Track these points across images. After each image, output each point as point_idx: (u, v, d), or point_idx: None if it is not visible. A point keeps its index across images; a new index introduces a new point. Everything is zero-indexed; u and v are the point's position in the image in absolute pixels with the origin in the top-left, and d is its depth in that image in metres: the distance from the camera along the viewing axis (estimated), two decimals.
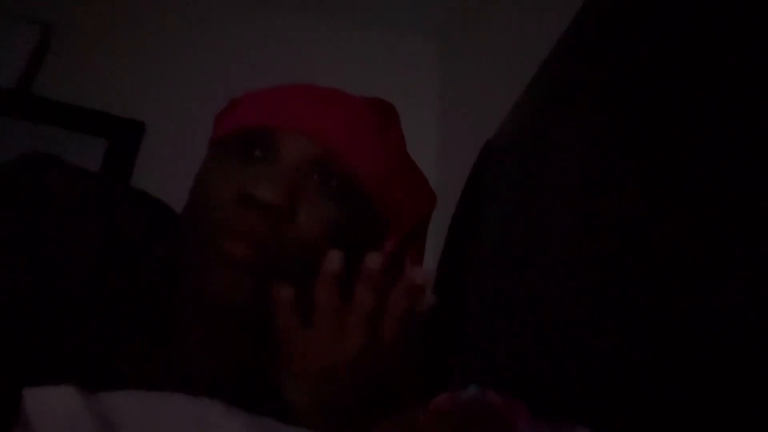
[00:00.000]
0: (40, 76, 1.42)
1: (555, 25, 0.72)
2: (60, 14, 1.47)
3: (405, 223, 0.54)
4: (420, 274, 0.46)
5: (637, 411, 0.39)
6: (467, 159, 0.95)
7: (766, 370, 0.30)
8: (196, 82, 1.48)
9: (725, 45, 0.39)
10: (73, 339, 0.46)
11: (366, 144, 0.51)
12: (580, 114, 0.59)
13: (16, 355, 0.44)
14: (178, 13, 1.56)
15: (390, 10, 1.60)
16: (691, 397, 0.35)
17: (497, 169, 0.81)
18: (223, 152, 0.50)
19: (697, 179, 0.38)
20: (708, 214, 0.37)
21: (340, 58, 1.56)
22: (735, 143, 0.36)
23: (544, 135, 0.68)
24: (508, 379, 0.57)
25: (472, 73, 1.36)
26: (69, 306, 0.46)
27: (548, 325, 0.55)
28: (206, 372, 0.47)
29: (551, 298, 0.56)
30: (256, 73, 1.31)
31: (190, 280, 0.46)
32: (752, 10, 0.37)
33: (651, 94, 0.46)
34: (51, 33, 1.45)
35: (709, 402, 0.33)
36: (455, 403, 0.44)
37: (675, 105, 0.43)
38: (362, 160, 0.50)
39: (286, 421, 0.38)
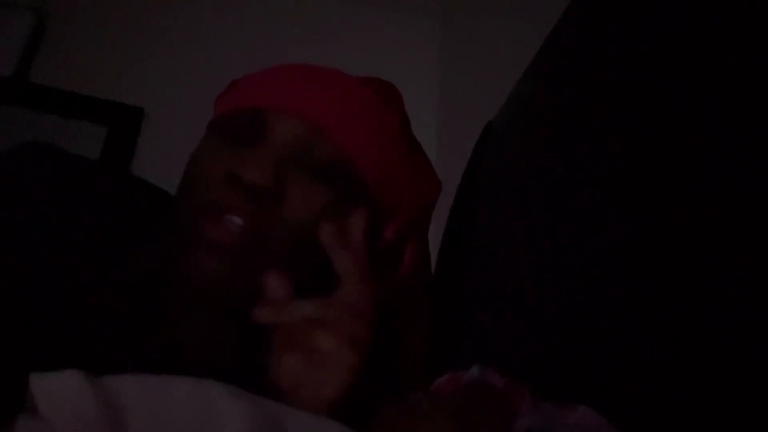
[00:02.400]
0: (37, 63, 1.41)
1: (557, 5, 0.71)
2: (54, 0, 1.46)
3: (406, 208, 0.52)
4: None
5: (637, 391, 0.39)
6: (469, 141, 0.94)
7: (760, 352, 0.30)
8: (196, 66, 1.47)
9: (725, 31, 0.38)
10: (71, 328, 0.46)
11: (360, 126, 0.49)
12: (582, 95, 0.59)
13: (18, 345, 0.44)
14: None
15: None
16: (689, 379, 0.35)
17: (499, 151, 0.80)
18: (215, 134, 0.49)
19: (695, 156, 0.38)
20: (705, 192, 0.37)
21: (341, 39, 1.54)
22: (731, 130, 0.36)
23: (545, 116, 0.67)
24: (509, 361, 0.57)
25: (473, 53, 1.35)
26: (67, 295, 0.46)
27: (549, 308, 0.55)
28: (198, 356, 0.47)
29: (552, 280, 0.56)
30: (256, 56, 1.30)
31: (178, 263, 0.45)
32: (748, 7, 0.36)
33: (651, 75, 0.46)
34: (46, 19, 1.44)
35: (706, 383, 0.34)
36: (457, 384, 0.44)
37: (674, 87, 0.43)
38: (356, 141, 0.48)
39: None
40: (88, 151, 1.32)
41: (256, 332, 0.48)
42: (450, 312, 0.75)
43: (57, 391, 0.29)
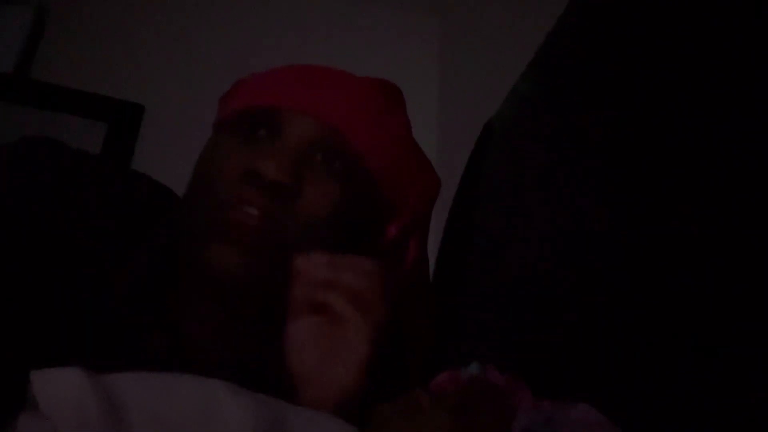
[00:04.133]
0: (37, 59, 1.41)
1: (557, 2, 0.71)
2: None
3: (409, 207, 0.54)
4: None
5: (637, 390, 0.40)
6: (468, 139, 0.94)
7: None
8: (196, 63, 1.47)
9: (724, 29, 0.38)
10: (75, 323, 0.46)
11: (371, 126, 0.51)
12: (582, 93, 0.59)
13: (21, 338, 0.44)
14: None
15: None
16: (689, 377, 0.35)
17: (498, 150, 0.81)
18: (228, 132, 0.50)
19: (696, 154, 0.38)
20: (706, 191, 0.37)
21: (340, 36, 1.54)
22: (729, 131, 0.36)
23: (545, 115, 0.67)
24: (509, 359, 0.57)
25: (473, 51, 1.35)
26: (70, 289, 0.46)
27: (548, 306, 0.55)
28: (209, 349, 0.48)
29: (551, 278, 0.56)
30: (255, 54, 1.30)
31: (192, 257, 0.46)
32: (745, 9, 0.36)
33: (651, 72, 0.46)
34: (45, 15, 1.44)
35: (706, 382, 0.34)
36: (456, 381, 0.45)
37: (675, 85, 0.43)
38: (367, 142, 0.50)
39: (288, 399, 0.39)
40: (88, 148, 1.31)
41: (264, 330, 0.48)
42: (449, 310, 0.75)
43: (58, 388, 0.29)
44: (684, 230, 0.37)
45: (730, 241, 0.33)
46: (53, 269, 0.46)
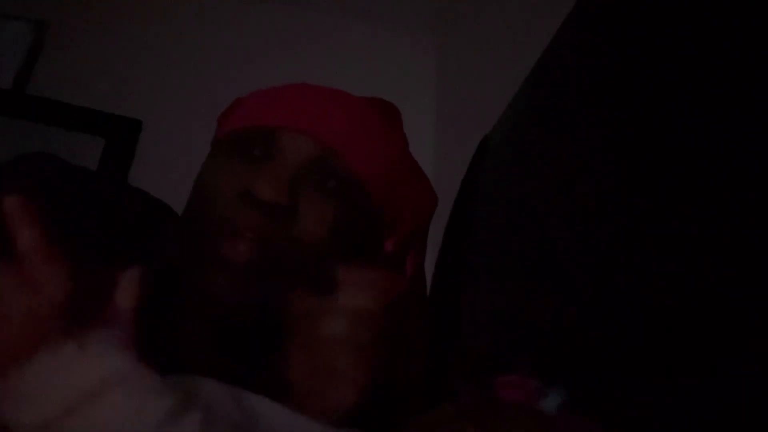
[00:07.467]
0: (35, 75, 1.41)
1: (551, 21, 0.72)
2: (54, 11, 1.47)
3: (406, 223, 0.54)
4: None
5: (636, 390, 0.39)
6: (465, 155, 0.95)
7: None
8: (193, 79, 1.47)
9: (716, 49, 0.39)
10: None
11: (367, 144, 0.51)
12: (575, 109, 0.59)
13: None
14: (175, 9, 1.55)
15: (386, 7, 1.59)
16: (688, 378, 0.35)
17: (494, 165, 0.81)
18: (224, 151, 0.50)
19: (693, 169, 0.39)
20: (699, 189, 0.37)
21: (337, 56, 1.56)
22: (719, 144, 0.36)
23: (540, 130, 0.68)
24: (503, 372, 0.57)
25: (469, 69, 1.36)
26: None
27: (543, 319, 0.55)
28: (206, 368, 0.48)
29: (548, 292, 0.56)
30: (253, 72, 1.31)
31: (191, 279, 0.46)
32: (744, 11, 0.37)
33: (645, 90, 0.46)
34: (45, 31, 1.45)
35: (706, 382, 0.34)
36: (525, 390, 0.42)
37: (666, 103, 0.43)
38: (363, 160, 0.50)
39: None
40: (85, 163, 1.31)
41: (261, 349, 0.48)
42: (446, 322, 0.75)
43: None
44: (684, 230, 0.37)
45: (730, 241, 0.33)
46: None
